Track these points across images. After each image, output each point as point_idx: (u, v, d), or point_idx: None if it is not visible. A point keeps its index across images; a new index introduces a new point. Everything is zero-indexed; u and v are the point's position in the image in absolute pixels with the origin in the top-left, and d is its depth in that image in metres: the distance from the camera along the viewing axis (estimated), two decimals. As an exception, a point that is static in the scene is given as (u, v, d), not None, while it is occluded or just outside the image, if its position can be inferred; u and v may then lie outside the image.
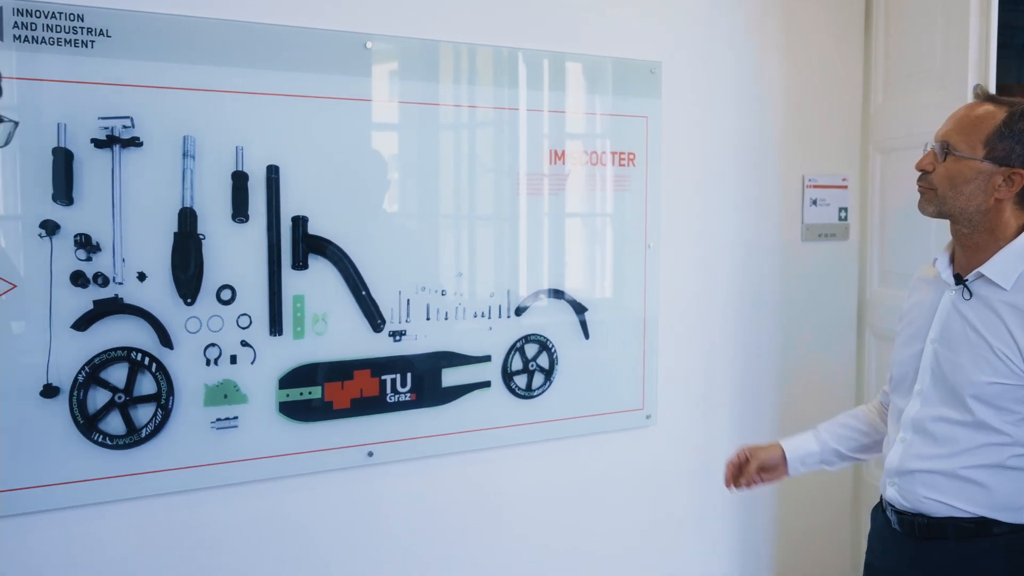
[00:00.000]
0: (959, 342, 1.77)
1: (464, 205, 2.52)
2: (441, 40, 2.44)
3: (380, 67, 2.37)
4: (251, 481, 2.27)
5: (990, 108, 1.75)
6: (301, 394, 2.31)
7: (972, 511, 1.77)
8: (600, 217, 2.73)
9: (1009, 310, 1.71)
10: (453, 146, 2.50)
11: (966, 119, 1.77)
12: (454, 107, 2.47)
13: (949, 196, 1.76)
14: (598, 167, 2.69)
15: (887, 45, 3.10)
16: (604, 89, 2.69)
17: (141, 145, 2.09)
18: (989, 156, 1.71)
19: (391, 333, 2.42)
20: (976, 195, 1.74)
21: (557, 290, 2.66)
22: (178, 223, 2.15)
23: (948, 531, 1.80)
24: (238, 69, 2.19)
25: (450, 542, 2.57)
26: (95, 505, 2.11)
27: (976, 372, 1.73)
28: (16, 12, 1.97)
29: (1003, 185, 1.72)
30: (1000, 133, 1.71)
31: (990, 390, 1.72)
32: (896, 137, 3.05)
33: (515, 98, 2.56)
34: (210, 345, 2.20)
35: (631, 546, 2.86)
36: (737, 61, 2.94)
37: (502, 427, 2.60)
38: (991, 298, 1.74)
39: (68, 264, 2.05)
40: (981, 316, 1.74)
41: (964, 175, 1.74)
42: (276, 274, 2.26)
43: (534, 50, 2.57)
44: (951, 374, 1.78)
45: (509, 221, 2.57)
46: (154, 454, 2.16)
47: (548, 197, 2.63)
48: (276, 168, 2.24)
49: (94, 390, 2.09)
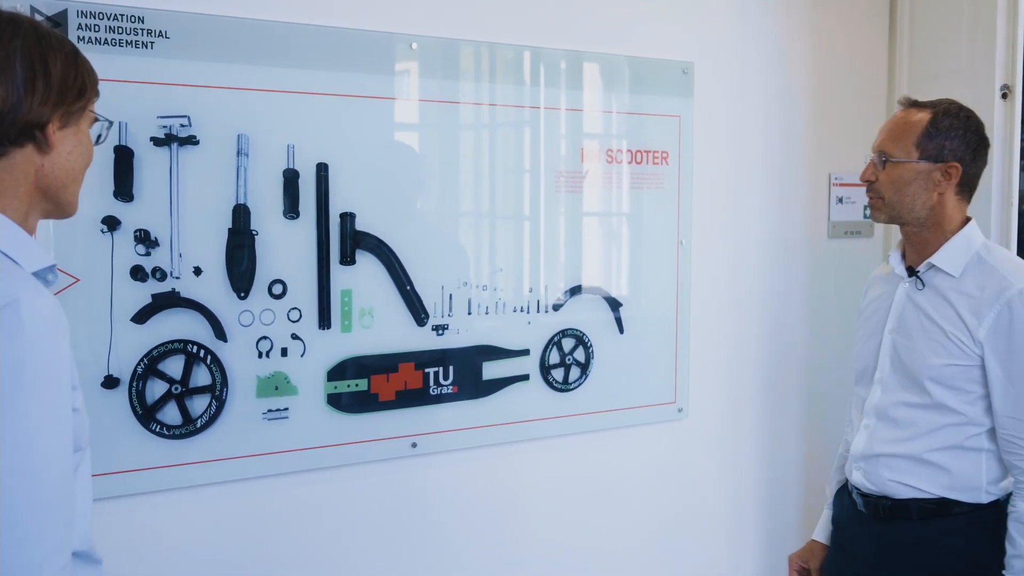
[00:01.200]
0: (914, 330, 1.91)
1: (505, 202, 2.58)
2: (483, 41, 2.51)
3: (425, 67, 2.43)
4: (301, 471, 2.33)
5: (916, 113, 1.92)
6: (348, 386, 2.37)
7: (933, 492, 1.90)
8: (634, 214, 2.79)
9: (959, 296, 1.85)
10: (495, 145, 2.57)
11: (896, 127, 1.93)
12: (494, 106, 2.53)
13: (896, 200, 1.91)
14: (632, 165, 2.75)
15: (912, 45, 3.15)
16: (638, 89, 2.75)
17: (198, 143, 2.15)
18: (924, 156, 1.88)
19: (434, 327, 2.48)
20: (920, 194, 1.89)
21: (593, 286, 2.72)
22: (232, 219, 2.21)
23: (911, 512, 1.93)
24: (290, 69, 2.25)
25: (490, 531, 2.63)
26: (153, 493, 2.17)
27: (932, 356, 1.87)
28: (80, 14, 2.03)
29: (942, 180, 1.89)
30: (929, 133, 1.88)
31: (946, 372, 1.85)
32: (921, 136, 3.10)
33: (555, 98, 2.63)
34: (262, 338, 2.26)
35: (662, 537, 2.92)
36: (766, 62, 3.00)
37: (540, 420, 2.66)
38: (942, 286, 1.89)
39: (128, 259, 2.11)
40: (934, 304, 1.89)
41: (905, 178, 1.90)
42: (325, 269, 2.32)
43: (573, 51, 2.63)
44: (908, 360, 1.91)
45: (548, 218, 2.64)
46: (209, 444, 2.21)
47: (584, 195, 2.69)
48: (325, 166, 2.30)
49: (152, 381, 2.15)
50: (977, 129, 1.93)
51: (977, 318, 1.83)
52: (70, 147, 1.26)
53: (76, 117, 1.26)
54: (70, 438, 1.19)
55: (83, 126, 1.29)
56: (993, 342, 1.81)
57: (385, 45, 2.38)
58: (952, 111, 1.91)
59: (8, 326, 1.09)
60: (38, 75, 1.18)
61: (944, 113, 1.90)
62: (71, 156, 1.27)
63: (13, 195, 1.22)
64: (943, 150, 1.88)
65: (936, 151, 1.88)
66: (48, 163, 1.23)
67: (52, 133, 1.21)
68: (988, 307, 1.81)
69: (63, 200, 1.29)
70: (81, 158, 1.30)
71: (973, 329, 1.82)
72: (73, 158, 1.27)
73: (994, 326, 1.81)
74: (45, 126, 1.20)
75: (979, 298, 1.83)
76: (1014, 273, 1.84)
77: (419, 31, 2.41)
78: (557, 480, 2.73)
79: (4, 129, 1.17)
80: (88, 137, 1.32)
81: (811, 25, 3.08)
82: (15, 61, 1.16)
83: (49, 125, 1.20)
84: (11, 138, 1.18)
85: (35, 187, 1.24)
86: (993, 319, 1.81)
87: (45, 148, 1.22)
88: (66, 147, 1.25)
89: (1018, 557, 1.81)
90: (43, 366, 1.12)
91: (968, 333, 1.83)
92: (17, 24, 1.20)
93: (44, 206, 1.28)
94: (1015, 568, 1.81)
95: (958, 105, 1.94)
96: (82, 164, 1.31)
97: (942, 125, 1.88)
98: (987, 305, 1.82)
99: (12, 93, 1.16)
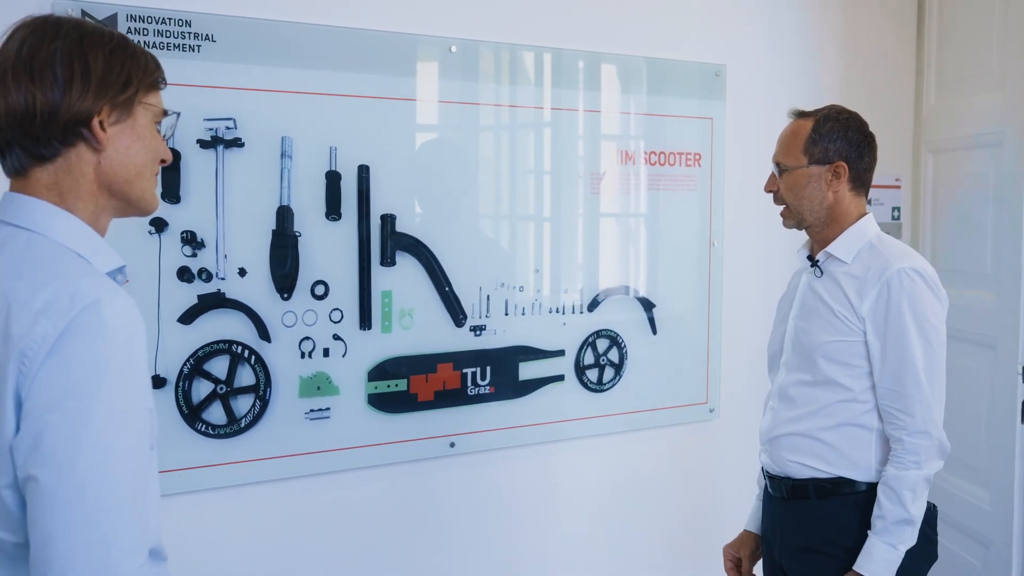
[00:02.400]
0: (811, 312, 2.04)
1: (541, 204, 2.60)
2: (520, 44, 2.53)
3: (464, 70, 2.45)
4: (342, 470, 2.35)
5: (801, 122, 2.05)
6: (388, 386, 2.39)
7: (827, 471, 2.00)
8: (667, 216, 2.81)
9: (847, 278, 1.97)
10: (531, 147, 2.59)
11: (786, 138, 2.06)
12: (530, 108, 2.56)
13: (796, 204, 2.03)
14: (666, 167, 2.77)
15: (939, 47, 3.17)
16: (671, 91, 2.77)
17: (243, 145, 2.18)
18: (812, 161, 2.00)
19: (472, 328, 2.50)
20: (815, 195, 2.01)
21: (626, 286, 2.74)
22: (276, 221, 2.23)
23: (810, 491, 2.02)
24: (332, 72, 2.27)
25: (526, 529, 2.65)
26: (198, 492, 2.19)
27: (823, 334, 1.99)
28: (129, 18, 2.05)
29: (833, 179, 2.00)
30: (813, 139, 2.00)
31: (834, 347, 1.97)
32: (949, 138, 3.12)
33: (594, 100, 2.65)
34: (305, 338, 2.28)
35: (693, 535, 2.93)
36: (796, 65, 3.02)
37: (575, 420, 2.68)
38: (835, 272, 2.01)
39: (175, 260, 2.13)
40: (827, 288, 2.01)
41: (799, 183, 2.01)
42: (366, 270, 2.34)
43: (607, 54, 2.66)
44: (804, 340, 2.03)
45: (584, 220, 2.66)
46: (253, 443, 2.24)
47: (618, 197, 2.71)
48: (367, 168, 2.32)
49: (198, 381, 2.17)
50: (859, 128, 2.03)
51: (860, 296, 1.94)
52: (128, 142, 1.25)
53: (127, 111, 1.24)
54: (147, 436, 1.20)
55: (140, 120, 1.27)
56: (873, 318, 1.92)
57: (425, 48, 2.40)
58: (832, 115, 2.02)
59: (89, 326, 1.10)
60: (76, 73, 1.18)
61: (825, 118, 2.01)
62: (129, 151, 1.25)
63: (77, 196, 1.22)
64: (828, 152, 1.99)
65: (822, 154, 1.99)
66: (105, 160, 1.23)
67: (100, 129, 1.20)
68: (871, 286, 1.93)
69: (132, 196, 1.28)
70: (143, 152, 1.27)
71: (857, 307, 1.94)
72: (132, 152, 1.25)
73: (875, 303, 1.92)
74: (89, 121, 1.19)
75: (863, 278, 1.94)
76: (897, 257, 1.95)
77: (459, 34, 2.44)
78: (591, 479, 2.75)
79: (50, 130, 1.17)
80: (149, 131, 1.29)
81: (840, 28, 3.10)
82: (55, 62, 1.17)
83: (94, 120, 1.20)
84: (59, 138, 1.19)
85: (98, 186, 1.24)
86: (875, 297, 1.92)
87: (97, 145, 1.21)
88: (122, 142, 1.24)
89: (880, 517, 1.90)
90: (123, 365, 1.13)
91: (853, 311, 1.94)
92: (59, 26, 1.21)
93: (114, 204, 1.27)
94: (875, 528, 1.91)
95: (839, 108, 2.06)
96: (144, 158, 1.28)
97: (824, 129, 1.99)
98: (870, 284, 1.93)
99: (52, 93, 1.17)
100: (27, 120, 1.16)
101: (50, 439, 1.06)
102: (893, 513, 1.88)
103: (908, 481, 1.89)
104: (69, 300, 1.10)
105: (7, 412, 1.08)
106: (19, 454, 1.07)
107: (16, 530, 1.12)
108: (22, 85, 1.16)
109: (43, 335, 1.08)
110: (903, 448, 1.90)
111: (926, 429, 1.89)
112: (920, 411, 1.90)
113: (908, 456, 1.89)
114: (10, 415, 1.08)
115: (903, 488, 1.88)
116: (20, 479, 1.08)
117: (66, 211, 1.21)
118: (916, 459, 1.89)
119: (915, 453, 1.89)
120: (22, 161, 1.20)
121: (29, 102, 1.16)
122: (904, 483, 1.89)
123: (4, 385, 1.08)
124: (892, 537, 1.89)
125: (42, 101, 1.16)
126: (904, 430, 1.90)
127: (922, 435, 1.89)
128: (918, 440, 1.89)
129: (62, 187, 1.21)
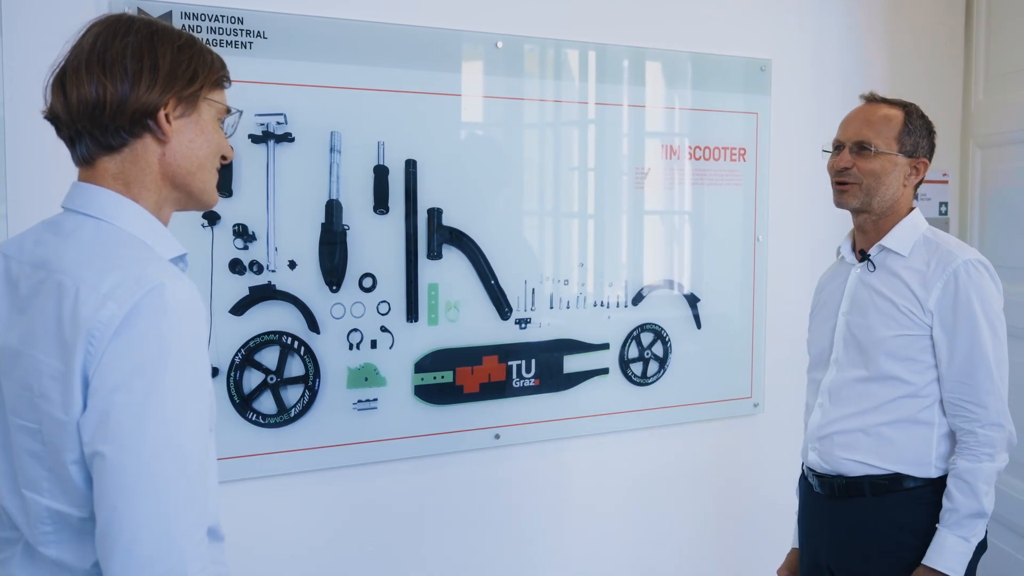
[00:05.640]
0: (867, 307, 2.00)
1: (585, 199, 2.62)
2: (565, 40, 2.54)
3: (510, 66, 2.48)
4: (388, 460, 2.38)
5: (889, 109, 2.02)
6: (435, 378, 2.42)
7: (885, 467, 1.97)
8: (712, 210, 2.81)
9: (909, 272, 1.95)
10: (575, 142, 2.61)
11: (875, 120, 2.01)
12: (575, 104, 2.57)
13: (873, 188, 1.98)
14: (710, 162, 2.77)
15: (988, 42, 3.13)
16: (716, 86, 2.77)
17: (293, 140, 2.22)
18: (902, 150, 1.98)
19: (517, 320, 2.52)
20: (894, 185, 1.98)
21: (671, 281, 2.75)
22: (325, 214, 2.27)
23: (864, 488, 1.99)
24: (381, 68, 2.31)
25: (570, 521, 2.66)
26: (249, 480, 2.23)
27: (884, 329, 1.95)
28: (184, 15, 2.10)
29: (911, 174, 2.00)
30: (907, 130, 1.98)
31: (897, 343, 1.94)
32: (996, 133, 3.09)
33: (639, 95, 2.66)
34: (353, 330, 2.32)
35: (738, 529, 2.93)
36: (842, 59, 3.00)
37: (619, 413, 2.69)
38: (893, 266, 1.98)
39: (227, 252, 2.18)
40: (886, 282, 1.98)
41: (886, 168, 1.98)
42: (413, 263, 2.37)
43: (651, 49, 2.66)
44: (862, 336, 1.99)
45: (629, 214, 2.67)
46: (302, 433, 2.28)
47: (663, 191, 2.72)
48: (414, 162, 2.35)
49: (249, 371, 2.22)
50: (932, 131, 2.04)
51: (926, 289, 1.92)
52: (191, 135, 1.29)
53: (192, 105, 1.29)
54: (208, 417, 1.24)
55: (205, 115, 1.31)
56: (940, 310, 1.90)
57: (471, 44, 2.42)
58: (919, 112, 2.03)
59: (154, 308, 1.14)
60: (145, 66, 1.23)
61: (915, 113, 2.01)
62: (192, 144, 1.29)
63: (142, 185, 1.27)
64: (917, 147, 1.99)
65: (912, 147, 1.98)
66: (169, 152, 1.27)
67: (165, 121, 1.25)
68: (936, 278, 1.91)
69: (193, 189, 1.33)
70: (205, 146, 1.31)
71: (923, 300, 1.91)
72: (195, 146, 1.30)
73: (941, 295, 1.90)
74: (155, 113, 1.24)
75: (927, 272, 1.93)
76: (958, 248, 1.95)
77: (505, 30, 2.46)
78: (636, 471, 2.76)
79: (119, 120, 1.22)
80: (212, 127, 1.34)
81: (887, 23, 3.08)
82: (126, 56, 1.22)
83: (160, 113, 1.24)
84: (127, 128, 1.23)
85: (161, 177, 1.28)
86: (941, 289, 1.90)
87: (162, 137, 1.25)
88: (186, 136, 1.28)
89: (952, 511, 1.87)
90: (186, 347, 1.17)
91: (918, 304, 1.92)
92: (131, 23, 1.26)
93: (176, 196, 1.32)
94: (947, 521, 1.88)
95: (918, 107, 2.06)
96: (206, 152, 1.32)
97: (916, 123, 1.99)
98: (935, 277, 1.91)
99: (122, 85, 1.21)
100: (98, 110, 1.21)
101: (116, 416, 1.10)
102: (967, 506, 1.86)
103: (983, 473, 1.87)
104: (135, 283, 1.13)
105: (75, 391, 1.12)
106: (86, 431, 1.11)
107: (82, 504, 1.16)
108: (94, 77, 1.21)
109: (110, 316, 1.11)
110: (976, 440, 1.88)
111: (999, 421, 1.88)
112: (993, 403, 1.88)
113: (982, 448, 1.87)
114: (78, 394, 1.12)
115: (978, 480, 1.86)
116: (87, 455, 1.12)
117: (131, 200, 1.25)
118: (991, 451, 1.87)
119: (989, 445, 1.87)
120: (91, 150, 1.24)
121: (100, 93, 1.20)
122: (979, 475, 1.86)
123: (72, 365, 1.12)
124: (965, 530, 1.86)
125: (112, 92, 1.21)
126: (977, 422, 1.88)
127: (995, 427, 1.88)
128: (992, 432, 1.87)
129: (128, 176, 1.26)
